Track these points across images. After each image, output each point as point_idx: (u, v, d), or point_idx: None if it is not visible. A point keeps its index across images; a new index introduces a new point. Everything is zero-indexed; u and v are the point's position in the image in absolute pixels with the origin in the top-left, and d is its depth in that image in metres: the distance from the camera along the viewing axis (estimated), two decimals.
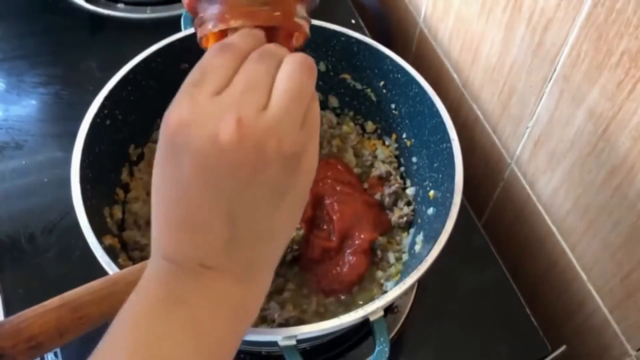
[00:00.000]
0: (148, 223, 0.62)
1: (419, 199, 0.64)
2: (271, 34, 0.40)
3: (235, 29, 0.39)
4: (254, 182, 0.31)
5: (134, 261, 0.57)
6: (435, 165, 0.60)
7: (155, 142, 0.67)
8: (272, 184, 0.32)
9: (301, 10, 0.41)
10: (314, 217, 0.63)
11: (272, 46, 0.36)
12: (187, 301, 0.32)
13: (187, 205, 0.32)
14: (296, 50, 0.41)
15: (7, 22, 0.89)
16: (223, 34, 0.40)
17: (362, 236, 0.61)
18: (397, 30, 0.94)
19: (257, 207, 0.33)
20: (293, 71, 0.34)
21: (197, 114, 0.32)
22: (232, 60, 0.34)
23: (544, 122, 0.63)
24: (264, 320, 0.56)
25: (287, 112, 0.32)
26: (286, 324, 0.56)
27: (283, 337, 0.46)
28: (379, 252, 0.62)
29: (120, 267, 0.49)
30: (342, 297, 0.59)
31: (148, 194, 0.63)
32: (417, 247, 0.60)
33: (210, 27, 0.39)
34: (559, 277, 0.68)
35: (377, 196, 0.66)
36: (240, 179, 0.31)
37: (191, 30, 0.62)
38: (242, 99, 0.32)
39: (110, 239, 0.54)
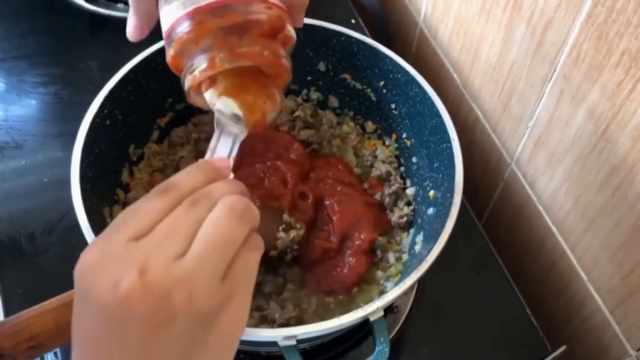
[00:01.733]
0: None
1: (419, 199, 0.64)
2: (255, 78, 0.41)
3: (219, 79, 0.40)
4: (159, 337, 0.29)
5: None
6: (435, 165, 0.60)
7: (155, 142, 0.67)
8: (181, 340, 0.29)
9: (285, 54, 0.41)
10: (314, 218, 0.63)
11: (213, 187, 0.33)
12: None
13: (94, 357, 0.29)
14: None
15: (7, 22, 0.89)
16: (213, 80, 0.41)
17: (362, 237, 0.61)
18: (397, 30, 0.94)
19: None
20: (219, 217, 0.31)
21: (105, 259, 0.30)
22: (168, 203, 0.32)
23: (544, 122, 0.63)
24: (264, 320, 0.56)
25: (203, 262, 0.30)
26: (286, 324, 0.56)
27: (283, 337, 0.46)
28: (379, 252, 0.62)
29: None
30: (342, 297, 0.59)
31: None
32: (417, 247, 0.60)
33: (206, 70, 0.39)
34: (559, 277, 0.68)
35: (377, 196, 0.66)
36: (144, 333, 0.28)
37: None
38: (159, 247, 0.29)
39: None
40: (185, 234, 0.30)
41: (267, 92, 0.43)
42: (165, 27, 0.41)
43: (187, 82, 0.40)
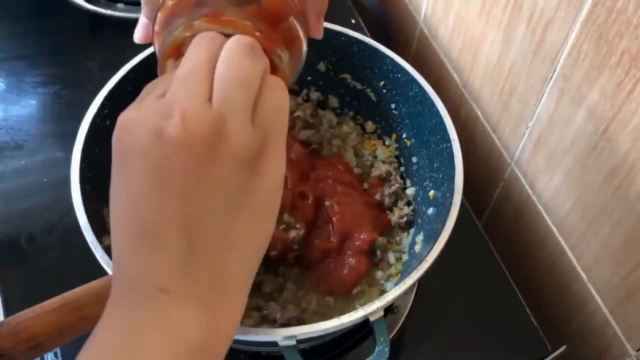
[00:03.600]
0: None
1: (419, 199, 0.64)
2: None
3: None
4: (205, 182, 0.29)
5: None
6: (435, 165, 0.60)
7: None
8: (226, 186, 0.29)
9: (285, 54, 0.38)
10: (315, 218, 0.63)
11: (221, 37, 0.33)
12: (143, 338, 0.29)
13: (140, 214, 0.29)
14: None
15: (7, 22, 0.89)
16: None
17: (362, 237, 0.61)
18: (397, 30, 0.94)
19: (213, 212, 0.29)
20: (231, 55, 0.31)
21: (142, 115, 0.30)
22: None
23: (544, 122, 0.63)
24: (264, 320, 0.56)
25: (230, 102, 0.29)
26: (287, 324, 0.56)
27: (283, 337, 0.46)
28: (379, 253, 0.62)
29: None
30: (342, 297, 0.59)
31: None
32: (417, 247, 0.60)
33: (175, 32, 0.35)
34: (559, 277, 0.68)
35: (377, 196, 0.66)
36: (190, 179, 0.29)
37: None
38: (186, 92, 0.29)
39: (110, 239, 0.54)
40: (206, 73, 0.30)
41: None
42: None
43: (164, 45, 0.36)
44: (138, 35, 0.42)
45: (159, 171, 0.29)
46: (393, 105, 0.66)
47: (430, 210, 0.60)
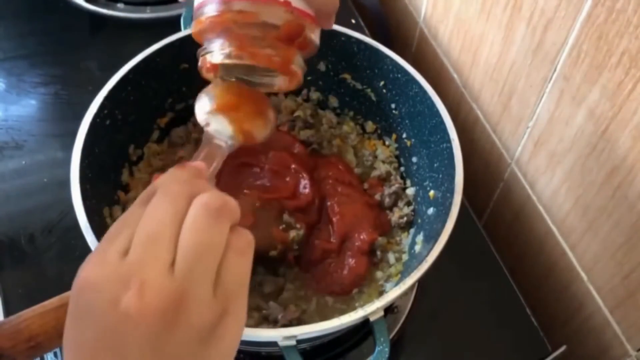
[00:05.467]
0: None
1: (419, 199, 0.64)
2: None
3: (230, 67, 0.42)
4: (158, 352, 0.29)
5: None
6: (435, 165, 0.60)
7: (155, 142, 0.67)
8: (180, 356, 0.29)
9: (299, 59, 0.43)
10: (318, 220, 0.63)
11: (192, 184, 0.33)
12: None
13: None
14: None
15: (7, 22, 0.89)
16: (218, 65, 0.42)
17: (362, 237, 0.61)
18: (397, 30, 0.94)
19: None
20: (196, 219, 0.30)
21: (102, 275, 0.29)
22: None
23: (544, 122, 0.63)
24: (264, 320, 0.56)
25: (191, 274, 0.29)
26: (289, 324, 0.56)
27: (283, 337, 0.46)
28: (378, 253, 0.62)
29: None
30: (342, 298, 0.59)
31: None
32: (417, 247, 0.60)
33: (212, 58, 0.41)
34: (559, 277, 0.68)
35: (377, 196, 0.66)
36: (143, 349, 0.28)
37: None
38: (148, 255, 0.29)
39: None
40: (169, 236, 0.30)
41: (260, 111, 0.45)
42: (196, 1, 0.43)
43: (200, 62, 0.43)
44: None
45: (113, 339, 0.29)
46: (393, 105, 0.66)
47: (430, 210, 0.60)
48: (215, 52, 0.41)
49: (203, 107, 0.44)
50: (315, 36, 0.43)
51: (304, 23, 0.41)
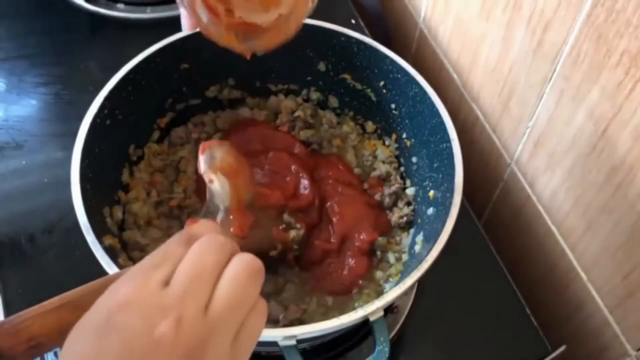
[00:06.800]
0: (148, 223, 0.62)
1: (419, 199, 0.64)
2: None
3: None
4: None
5: (134, 261, 0.57)
6: (435, 165, 0.60)
7: (155, 142, 0.67)
8: None
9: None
10: (318, 221, 0.63)
11: (230, 242, 0.35)
12: None
13: None
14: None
15: (7, 22, 0.89)
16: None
17: (362, 237, 0.61)
18: (397, 30, 0.94)
19: None
20: (237, 273, 0.33)
21: (142, 301, 0.31)
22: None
23: (544, 122, 0.63)
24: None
25: (222, 322, 0.32)
26: (290, 325, 0.56)
27: (283, 337, 0.46)
28: (379, 253, 0.62)
29: (120, 267, 0.49)
30: (342, 298, 0.59)
31: (148, 194, 0.63)
32: (417, 247, 0.60)
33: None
34: (559, 277, 0.68)
35: (377, 196, 0.66)
36: None
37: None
38: (189, 293, 0.31)
39: (110, 239, 0.54)
40: (209, 281, 0.32)
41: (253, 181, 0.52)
42: None
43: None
44: (185, 26, 0.47)
45: (139, 357, 0.30)
46: (393, 105, 0.66)
47: (430, 210, 0.60)
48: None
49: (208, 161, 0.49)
50: None
51: None
